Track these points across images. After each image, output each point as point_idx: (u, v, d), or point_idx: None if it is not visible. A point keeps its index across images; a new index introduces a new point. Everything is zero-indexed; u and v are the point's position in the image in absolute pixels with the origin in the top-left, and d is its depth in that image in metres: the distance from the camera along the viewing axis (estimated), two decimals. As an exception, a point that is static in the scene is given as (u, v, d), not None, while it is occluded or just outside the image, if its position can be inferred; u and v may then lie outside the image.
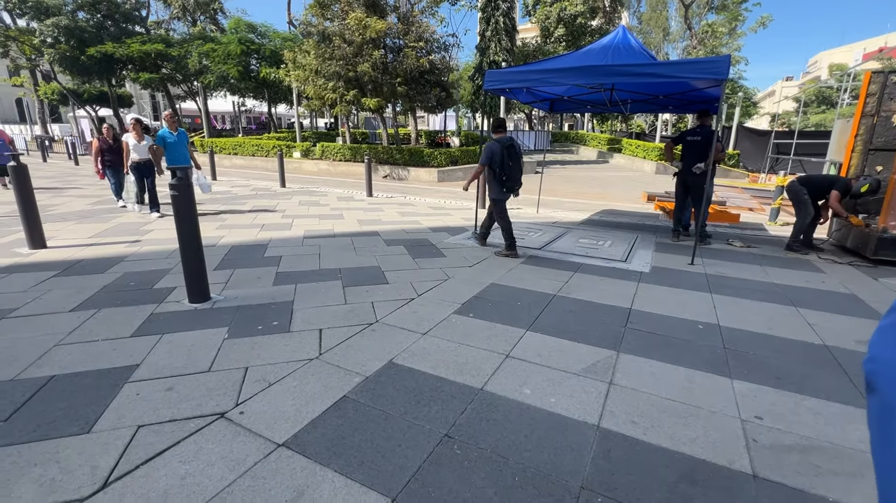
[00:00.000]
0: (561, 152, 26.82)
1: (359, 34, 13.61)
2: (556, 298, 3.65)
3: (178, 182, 3.19)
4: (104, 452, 1.77)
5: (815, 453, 1.86)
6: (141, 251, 4.82)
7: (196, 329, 2.92)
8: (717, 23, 29.12)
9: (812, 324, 3.24)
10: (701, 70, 4.32)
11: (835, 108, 21.33)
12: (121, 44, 20.70)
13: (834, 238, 5.96)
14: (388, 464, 1.74)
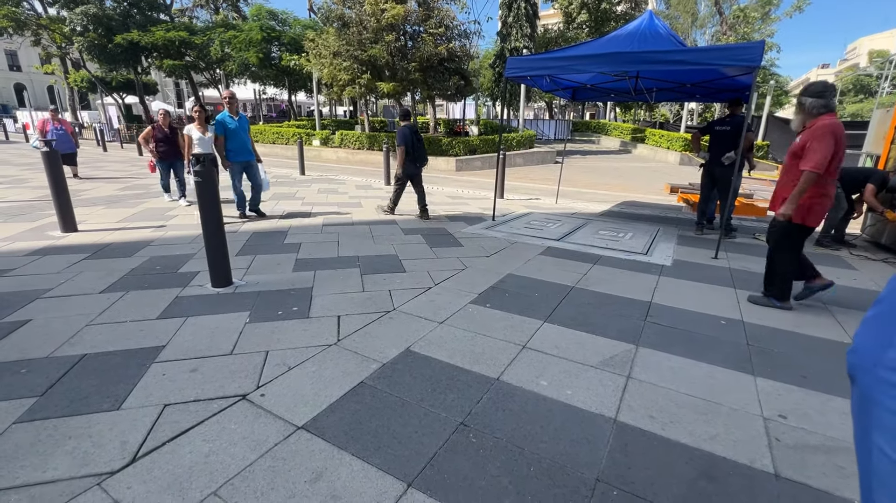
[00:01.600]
0: (581, 142, 26.34)
1: (375, 19, 13.53)
2: (574, 290, 3.61)
3: (201, 168, 3.24)
4: (133, 428, 1.84)
5: (841, 454, 1.80)
6: (166, 236, 4.95)
7: (219, 313, 2.99)
8: (750, 7, 27.90)
9: (841, 322, 3.14)
10: (732, 57, 4.15)
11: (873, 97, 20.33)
12: (146, 32, 21.07)
13: (867, 234, 5.72)
14: (405, 449, 1.77)
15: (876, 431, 0.61)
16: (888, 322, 0.62)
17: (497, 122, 23.23)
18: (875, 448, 0.61)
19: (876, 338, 0.64)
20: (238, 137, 5.72)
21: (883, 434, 0.60)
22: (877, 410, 0.61)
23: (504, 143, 16.44)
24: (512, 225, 6.05)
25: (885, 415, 0.59)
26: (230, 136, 5.69)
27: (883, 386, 0.60)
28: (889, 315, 0.63)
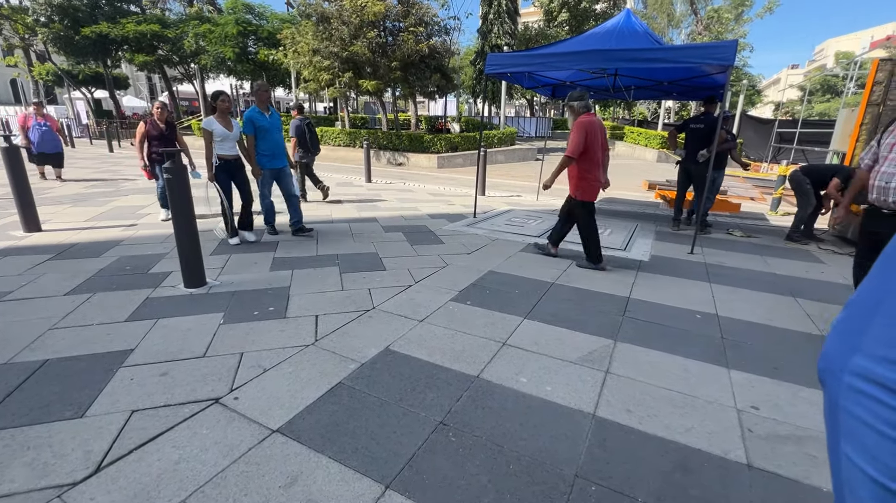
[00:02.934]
0: (562, 139, 26.58)
1: (356, 16, 13.36)
2: (554, 286, 3.63)
3: (171, 166, 3.13)
4: (98, 437, 1.76)
5: (811, 443, 1.85)
6: (137, 235, 4.78)
7: (191, 314, 2.90)
8: (724, 8, 28.59)
9: (811, 314, 3.23)
10: (707, 55, 4.23)
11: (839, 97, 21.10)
12: (115, 24, 20.29)
13: (835, 229, 5.93)
14: (383, 450, 1.74)
15: (844, 439, 0.60)
16: (856, 326, 0.61)
17: (478, 119, 23.26)
18: (844, 457, 0.60)
19: (843, 343, 0.62)
20: (271, 138, 4.61)
21: (850, 442, 0.59)
22: (844, 417, 0.60)
23: (485, 140, 16.48)
24: (493, 222, 6.05)
25: (851, 423, 0.58)
26: (262, 137, 4.57)
27: (849, 392, 0.59)
28: (856, 320, 0.62)
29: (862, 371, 0.57)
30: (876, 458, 0.53)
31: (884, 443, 0.52)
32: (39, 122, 8.18)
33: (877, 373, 0.55)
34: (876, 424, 0.54)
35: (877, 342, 0.56)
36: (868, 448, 0.55)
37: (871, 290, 0.62)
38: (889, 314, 0.56)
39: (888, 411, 0.52)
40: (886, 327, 0.56)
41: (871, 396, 0.55)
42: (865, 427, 0.55)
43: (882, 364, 0.54)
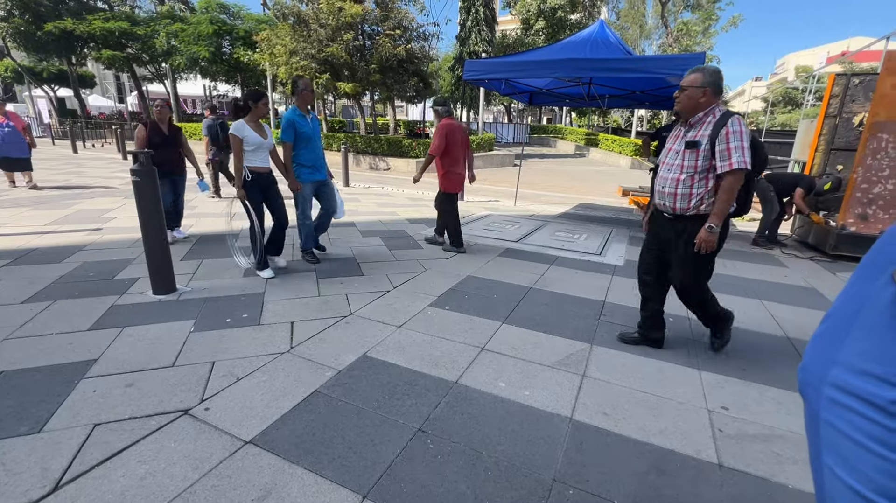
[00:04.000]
0: (539, 145, 27.02)
1: (333, 17, 13.27)
2: (531, 291, 3.66)
3: (139, 167, 3.02)
4: (56, 453, 1.67)
5: (777, 442, 1.92)
6: (102, 240, 4.59)
7: (160, 322, 2.79)
8: (692, 21, 29.73)
9: (775, 316, 3.36)
10: (675, 66, 4.38)
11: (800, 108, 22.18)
12: (81, 20, 19.53)
13: (797, 234, 6.20)
14: (360, 459, 1.71)
15: (825, 451, 0.60)
16: (834, 339, 0.62)
17: (457, 124, 23.33)
18: (826, 468, 0.60)
19: (822, 355, 0.63)
20: (313, 146, 3.92)
21: (831, 453, 0.59)
22: (825, 429, 0.60)
23: (464, 145, 16.53)
24: (472, 227, 6.08)
25: (832, 435, 0.59)
26: (304, 145, 3.85)
27: (828, 405, 0.59)
28: (835, 332, 0.62)
29: (841, 383, 0.58)
30: (856, 469, 0.54)
31: (864, 454, 0.53)
32: (1, 122, 7.30)
33: (855, 385, 0.55)
34: (855, 436, 0.54)
35: (854, 354, 0.57)
36: (849, 459, 0.55)
37: (848, 302, 0.63)
38: (865, 326, 0.57)
39: (867, 423, 0.53)
40: (862, 340, 0.57)
41: (850, 408, 0.55)
42: (845, 439, 0.56)
43: (860, 376, 0.55)
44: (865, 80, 5.38)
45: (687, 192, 2.34)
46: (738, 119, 2.22)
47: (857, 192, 4.93)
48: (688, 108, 2.35)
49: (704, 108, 2.32)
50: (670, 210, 2.44)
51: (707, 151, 2.27)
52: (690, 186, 2.34)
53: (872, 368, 0.54)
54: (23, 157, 7.44)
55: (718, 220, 2.26)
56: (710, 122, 2.29)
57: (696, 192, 2.33)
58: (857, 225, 4.99)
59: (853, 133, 5.43)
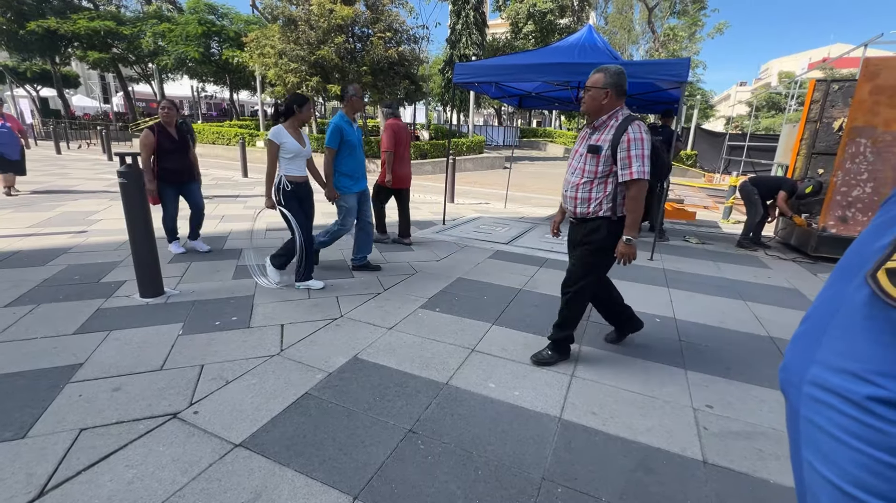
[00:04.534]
0: (529, 148, 27.19)
1: (324, 20, 13.24)
2: (521, 292, 3.70)
3: (126, 169, 2.99)
4: (41, 458, 1.65)
5: (760, 438, 1.97)
6: (87, 242, 4.52)
7: (147, 325, 2.76)
8: (678, 27, 30.22)
9: (759, 316, 3.44)
10: (662, 71, 4.46)
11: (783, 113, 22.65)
12: (66, 19, 19.21)
13: (780, 236, 6.34)
14: (351, 461, 1.71)
15: (805, 447, 0.63)
16: (812, 339, 0.64)
17: (447, 127, 23.42)
18: (805, 463, 0.62)
19: (802, 355, 0.65)
20: (356, 155, 3.86)
21: (810, 449, 0.61)
22: (804, 425, 0.62)
23: (454, 148, 16.62)
24: (462, 229, 6.11)
25: (811, 431, 0.61)
26: (348, 153, 3.79)
27: (808, 402, 0.61)
28: (813, 332, 0.65)
29: (819, 381, 0.60)
30: (834, 464, 0.56)
31: (841, 448, 0.55)
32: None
33: (833, 382, 0.58)
34: (833, 431, 0.57)
35: (831, 353, 0.60)
36: (827, 454, 0.58)
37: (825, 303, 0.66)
38: (841, 326, 0.59)
39: (844, 418, 0.55)
40: (839, 339, 0.59)
41: (828, 405, 0.58)
42: (824, 434, 0.58)
43: (837, 374, 0.57)
44: (844, 86, 5.53)
45: (586, 196, 2.28)
46: (638, 125, 2.15)
47: (837, 196, 5.06)
48: (591, 109, 2.25)
49: (608, 110, 2.22)
50: (572, 214, 2.40)
51: (608, 157, 2.18)
52: (590, 191, 2.27)
53: (849, 366, 0.57)
54: (17, 159, 7.11)
55: (634, 231, 2.23)
56: (612, 125, 2.19)
57: (595, 197, 2.26)
58: (837, 227, 5.12)
59: (833, 137, 5.57)
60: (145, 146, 3.99)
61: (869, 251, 0.59)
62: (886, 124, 4.70)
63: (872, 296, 0.54)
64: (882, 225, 0.59)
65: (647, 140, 2.14)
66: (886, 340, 0.52)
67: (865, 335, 0.55)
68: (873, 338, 0.54)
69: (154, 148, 4.01)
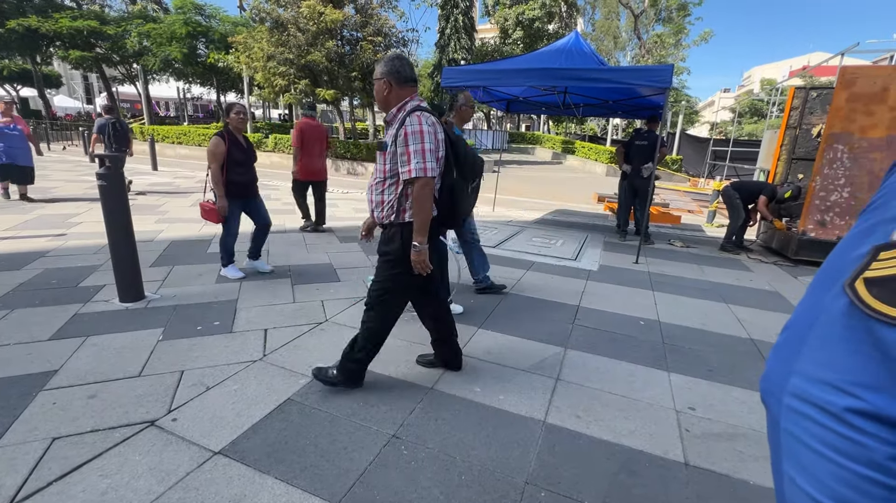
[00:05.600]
0: (518, 152, 27.35)
1: (313, 23, 13.18)
2: (508, 296, 3.70)
3: (105, 171, 2.93)
4: (10, 469, 1.59)
5: (740, 440, 1.99)
6: (65, 246, 4.41)
7: (126, 330, 2.70)
8: (665, 34, 30.77)
9: (741, 319, 3.49)
10: (646, 77, 4.52)
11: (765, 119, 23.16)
12: (47, 18, 18.82)
13: (761, 239, 6.46)
14: (333, 467, 1.69)
15: (785, 459, 0.62)
16: (792, 349, 0.63)
17: (437, 130, 23.36)
18: (786, 476, 0.61)
19: (782, 364, 0.64)
20: None
21: (791, 462, 0.60)
22: (785, 438, 0.61)
23: (443, 151, 16.57)
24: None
25: (791, 443, 0.60)
26: None
27: (788, 413, 0.60)
28: (793, 342, 0.64)
29: (799, 392, 0.59)
30: (814, 477, 0.55)
31: (821, 462, 0.54)
32: (7, 124, 6.36)
33: (812, 393, 0.56)
34: (813, 444, 0.55)
35: (810, 363, 0.59)
36: (807, 467, 0.56)
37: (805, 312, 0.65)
38: (820, 336, 0.58)
39: (823, 431, 0.54)
40: (818, 349, 0.58)
41: (807, 416, 0.57)
42: (803, 446, 0.57)
43: (816, 385, 0.56)
44: (822, 93, 5.67)
45: (380, 199, 2.00)
46: (419, 116, 1.88)
47: (815, 200, 5.17)
48: (380, 104, 2.01)
49: (395, 102, 1.96)
50: (371, 218, 2.18)
51: (394, 153, 1.92)
52: (381, 192, 1.99)
53: (828, 376, 0.55)
54: (29, 165, 6.72)
55: (421, 236, 1.91)
56: (399, 118, 1.94)
57: (387, 200, 1.98)
58: (816, 231, 5.24)
59: (812, 143, 5.71)
60: (216, 156, 3.51)
61: (847, 260, 0.58)
62: (862, 131, 4.83)
63: (851, 305, 0.53)
64: (860, 233, 0.59)
65: (431, 132, 1.87)
66: (865, 351, 0.51)
67: (844, 345, 0.54)
68: (852, 349, 0.53)
69: (224, 157, 3.55)
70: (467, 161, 2.12)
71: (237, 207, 3.75)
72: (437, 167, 1.91)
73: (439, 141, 1.95)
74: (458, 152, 2.09)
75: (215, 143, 3.53)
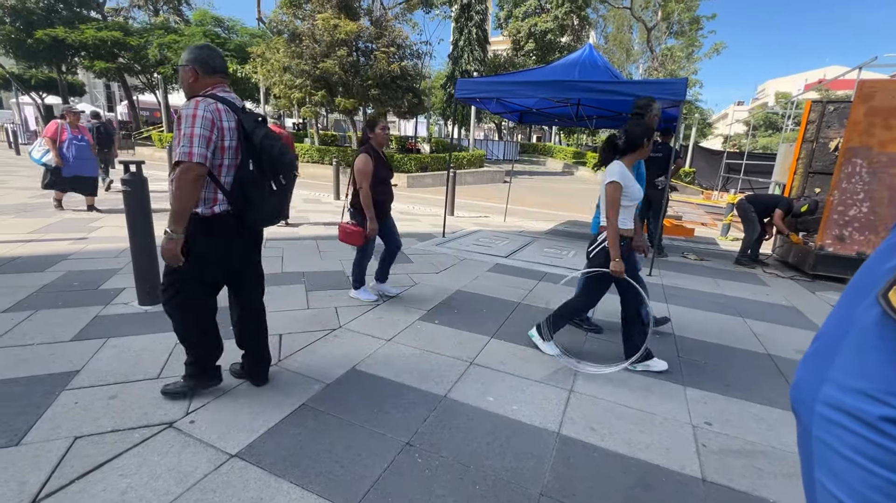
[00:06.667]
0: (529, 163, 27.41)
1: (328, 34, 13.46)
2: (520, 306, 3.70)
3: (130, 177, 3.02)
4: (35, 467, 1.63)
5: (759, 457, 1.96)
6: (87, 249, 4.52)
7: (146, 333, 2.75)
8: (676, 47, 30.79)
9: (757, 334, 3.44)
10: (660, 90, 4.53)
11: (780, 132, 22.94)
12: (73, 29, 19.48)
13: (777, 254, 6.37)
14: (347, 473, 1.70)
15: (817, 467, 0.62)
16: (824, 358, 0.64)
17: (448, 140, 23.65)
18: (818, 483, 0.62)
19: (814, 374, 0.65)
20: None
21: (822, 469, 0.61)
22: (816, 446, 0.62)
23: (455, 161, 16.74)
24: (461, 242, 6.13)
25: (823, 451, 0.60)
26: None
27: (820, 421, 0.61)
28: (825, 352, 0.65)
29: (831, 401, 0.60)
30: (846, 484, 0.56)
31: (853, 469, 0.55)
32: (75, 134, 6.30)
33: (845, 402, 0.58)
34: (845, 451, 0.56)
35: (843, 372, 0.60)
36: (839, 474, 0.57)
37: (837, 323, 0.65)
38: (853, 345, 0.59)
39: (856, 439, 0.55)
40: (851, 358, 0.59)
41: (839, 425, 0.58)
42: (836, 454, 0.58)
43: (849, 394, 0.57)
44: (840, 107, 5.62)
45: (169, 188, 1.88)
46: (198, 101, 1.79)
47: (833, 215, 5.10)
48: (186, 92, 1.93)
49: (201, 90, 1.88)
50: None
51: None
52: (171, 182, 1.85)
53: (861, 385, 0.56)
54: (94, 176, 6.65)
55: (174, 222, 1.78)
56: None
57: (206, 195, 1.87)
58: (834, 246, 5.15)
59: (829, 157, 5.64)
60: (367, 175, 3.23)
61: (880, 271, 0.59)
62: (881, 145, 4.77)
63: (884, 315, 0.54)
64: (891, 246, 0.60)
65: (205, 117, 1.76)
66: None
67: (877, 355, 0.55)
68: (885, 359, 0.54)
69: (372, 177, 3.27)
70: (267, 156, 1.90)
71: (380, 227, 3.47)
72: (205, 153, 1.76)
73: (223, 129, 1.82)
74: (252, 145, 1.89)
75: (364, 161, 3.24)
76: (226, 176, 1.90)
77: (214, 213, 1.89)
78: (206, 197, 1.87)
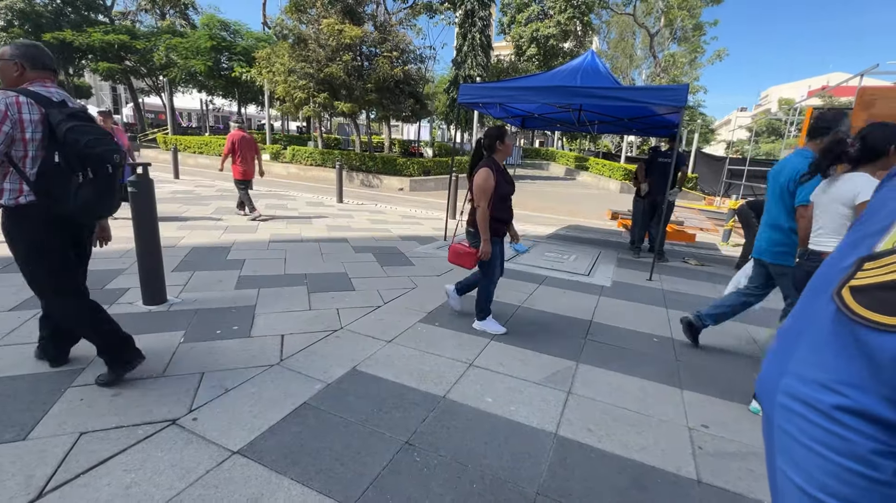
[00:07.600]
0: (531, 168, 27.47)
1: (333, 39, 13.58)
2: (520, 309, 3.72)
3: (137, 179, 3.07)
4: (41, 461, 1.66)
5: (754, 459, 1.97)
6: (93, 250, 4.56)
7: (149, 332, 2.79)
8: (679, 53, 30.87)
9: (756, 338, 3.45)
10: (661, 97, 4.57)
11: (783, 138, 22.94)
12: (81, 32, 19.73)
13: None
14: (347, 471, 1.72)
15: (778, 454, 0.66)
16: (785, 352, 0.68)
17: (451, 144, 23.76)
18: (779, 471, 0.65)
19: (776, 367, 0.69)
20: None
21: (782, 456, 0.64)
22: (778, 434, 0.65)
23: (457, 165, 16.81)
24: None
25: (783, 439, 0.64)
26: None
27: (781, 411, 0.65)
28: (786, 346, 0.69)
29: (790, 391, 0.64)
30: (805, 471, 0.59)
31: (810, 456, 0.58)
32: None
33: (802, 392, 0.61)
34: (803, 439, 0.60)
35: (802, 364, 0.64)
36: (798, 462, 0.61)
37: (798, 318, 0.70)
38: (811, 340, 0.64)
39: (812, 427, 0.59)
40: (809, 352, 0.63)
41: (798, 414, 0.61)
42: (795, 442, 0.61)
43: (807, 384, 0.61)
44: (840, 114, 5.64)
45: None
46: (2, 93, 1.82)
47: (834, 221, 5.11)
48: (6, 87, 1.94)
49: (20, 85, 1.95)
50: None
51: None
52: None
53: (817, 376, 0.60)
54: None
55: None
56: None
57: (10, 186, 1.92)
58: (834, 252, 5.16)
59: (830, 164, 5.65)
60: (486, 193, 2.89)
61: (836, 270, 0.63)
62: (881, 152, 4.79)
63: (838, 312, 0.58)
64: (849, 246, 0.64)
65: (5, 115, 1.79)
66: (850, 353, 0.56)
67: (832, 348, 0.59)
68: (839, 351, 0.58)
69: (494, 192, 2.91)
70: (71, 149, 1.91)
71: (498, 248, 3.10)
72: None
73: (22, 121, 1.83)
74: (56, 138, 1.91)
75: (485, 176, 2.89)
76: (31, 168, 1.91)
77: (19, 203, 1.92)
78: (12, 188, 1.91)
